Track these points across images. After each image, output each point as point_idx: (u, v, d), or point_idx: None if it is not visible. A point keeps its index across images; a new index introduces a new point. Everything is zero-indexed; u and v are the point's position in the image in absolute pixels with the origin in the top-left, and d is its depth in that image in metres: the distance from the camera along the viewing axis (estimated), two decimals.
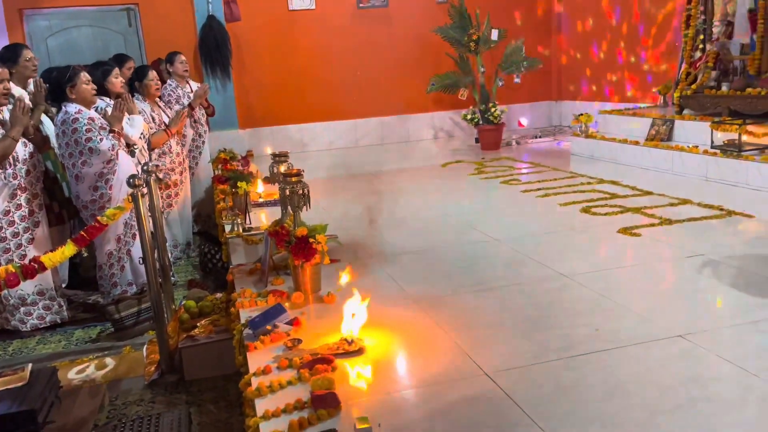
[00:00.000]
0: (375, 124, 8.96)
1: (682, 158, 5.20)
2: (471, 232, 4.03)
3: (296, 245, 2.89)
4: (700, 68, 5.67)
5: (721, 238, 3.53)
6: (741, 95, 5.13)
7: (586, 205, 4.46)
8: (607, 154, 6.16)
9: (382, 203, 5.08)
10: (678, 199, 4.39)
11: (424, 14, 8.63)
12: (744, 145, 4.71)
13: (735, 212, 3.95)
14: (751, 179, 4.51)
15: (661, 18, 7.25)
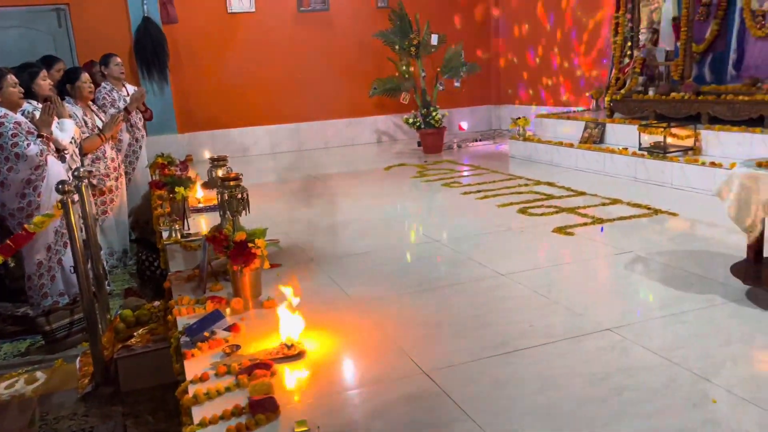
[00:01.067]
0: (318, 127, 8.94)
1: (613, 159, 5.42)
2: (413, 234, 4.08)
3: (235, 250, 2.86)
4: (628, 74, 5.94)
5: (648, 235, 3.71)
6: (666, 99, 5.40)
7: (523, 206, 4.59)
8: (544, 156, 6.36)
9: (325, 206, 5.08)
10: (609, 199, 4.58)
11: (364, 18, 8.68)
12: (669, 147, 4.96)
13: (661, 210, 4.15)
14: (676, 179, 4.75)
15: (592, 25, 7.55)
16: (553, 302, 2.74)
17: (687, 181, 4.66)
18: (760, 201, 2.38)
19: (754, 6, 5.09)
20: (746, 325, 2.38)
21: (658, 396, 1.93)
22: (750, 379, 1.99)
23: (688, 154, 4.86)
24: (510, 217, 4.31)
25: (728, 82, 5.31)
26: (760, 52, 5.10)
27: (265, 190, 5.88)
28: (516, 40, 9.10)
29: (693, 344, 2.25)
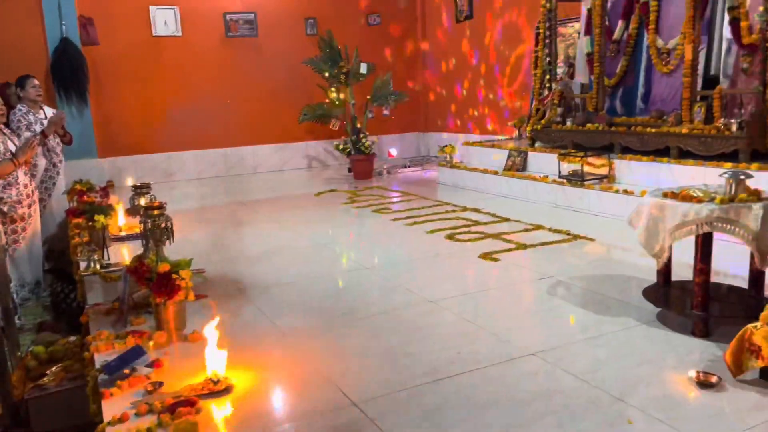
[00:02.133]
0: (247, 152, 8.83)
1: (535, 187, 5.65)
2: (343, 262, 4.08)
3: (158, 282, 2.77)
4: (547, 105, 6.23)
5: (568, 260, 3.87)
6: (582, 130, 5.69)
7: (451, 231, 4.69)
8: (470, 183, 6.54)
9: (254, 233, 5.00)
10: (532, 225, 4.75)
11: (294, 45, 8.72)
12: (586, 175, 5.22)
13: (580, 236, 4.35)
14: (593, 206, 5.00)
15: (513, 60, 7.89)
16: (480, 328, 2.80)
17: (603, 208, 4.91)
18: (667, 229, 2.55)
19: (659, 44, 5.48)
20: (657, 347, 2.52)
21: (578, 419, 2.00)
22: (662, 399, 2.10)
23: (603, 182, 5.13)
24: (438, 243, 4.40)
25: (638, 115, 5.66)
26: (666, 87, 5.48)
27: (191, 217, 5.73)
28: (444, 74, 9.38)
29: (610, 366, 2.36)
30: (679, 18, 5.09)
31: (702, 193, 2.56)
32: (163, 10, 8.06)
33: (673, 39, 5.30)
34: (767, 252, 2.45)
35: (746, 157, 4.31)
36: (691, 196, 2.55)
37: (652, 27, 5.47)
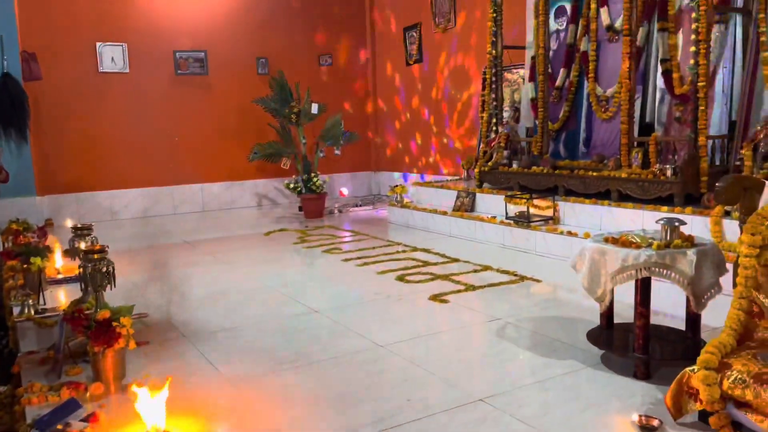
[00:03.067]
0: (195, 190, 8.69)
1: (483, 227, 5.75)
2: (292, 304, 4.02)
3: (96, 330, 2.66)
4: (494, 148, 6.41)
5: (516, 301, 3.93)
6: (528, 173, 5.86)
7: (401, 272, 4.70)
8: (421, 223, 6.61)
9: (199, 275, 4.89)
10: (481, 266, 4.82)
11: (245, 84, 8.72)
12: (532, 217, 5.36)
13: (526, 277, 4.43)
14: (539, 247, 5.12)
15: (462, 102, 8.11)
16: (430, 374, 2.79)
17: (549, 249, 5.03)
18: (608, 273, 2.63)
19: (599, 92, 5.75)
20: (602, 390, 2.56)
21: None
22: None
23: (548, 224, 5.27)
24: (389, 285, 4.39)
25: (580, 158, 5.88)
26: (605, 132, 5.73)
27: (134, 257, 5.56)
28: (394, 112, 9.54)
29: (557, 411, 2.39)
30: (616, 68, 5.37)
31: (640, 238, 2.66)
32: (110, 47, 7.95)
33: (611, 87, 5.57)
34: (702, 296, 2.55)
35: (680, 201, 4.52)
36: (630, 242, 2.64)
37: (592, 76, 5.75)
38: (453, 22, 8.02)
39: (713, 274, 2.55)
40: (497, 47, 6.39)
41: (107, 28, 7.93)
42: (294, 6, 9.12)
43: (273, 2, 8.93)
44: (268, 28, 8.89)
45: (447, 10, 8.07)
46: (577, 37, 6.06)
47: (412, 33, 8.84)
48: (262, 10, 8.85)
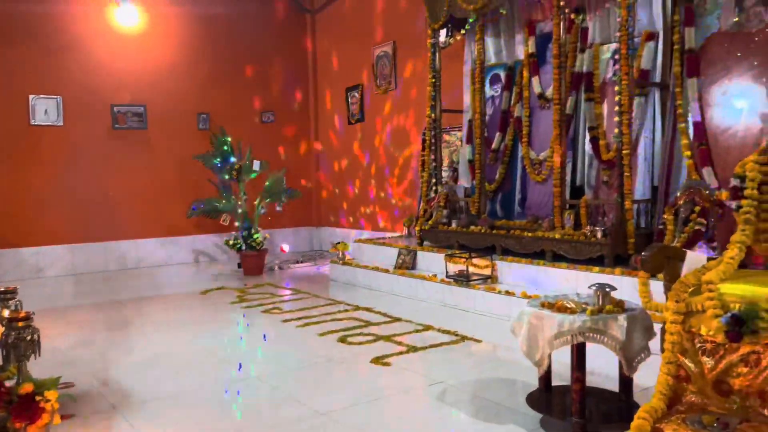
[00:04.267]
0: (129, 246, 8.40)
1: (424, 286, 5.80)
2: (229, 370, 3.90)
3: (18, 405, 2.49)
4: (434, 206, 6.55)
5: (457, 362, 3.95)
6: (466, 232, 6.01)
7: (343, 333, 4.66)
8: (362, 281, 6.61)
9: (131, 338, 4.68)
10: (422, 325, 4.83)
11: (185, 139, 8.64)
12: (471, 276, 5.46)
13: (467, 337, 4.48)
14: (478, 305, 5.21)
15: (402, 161, 8.30)
16: None
17: (488, 307, 5.12)
18: (546, 338, 2.70)
19: (532, 155, 6.02)
20: None
21: None
22: None
23: (487, 283, 5.38)
24: (330, 347, 4.34)
25: (516, 218, 6.09)
26: (539, 194, 5.97)
27: (61, 319, 5.28)
28: (336, 173, 9.65)
29: None
30: (548, 133, 5.66)
31: (575, 304, 2.76)
32: (44, 99, 7.75)
33: (544, 151, 5.86)
34: (633, 359, 2.65)
35: (610, 261, 4.73)
36: (565, 307, 2.74)
37: (525, 140, 6.03)
38: (394, 84, 8.28)
39: (643, 339, 2.66)
40: (436, 110, 6.63)
41: (41, 80, 7.75)
42: (238, 63, 9.20)
43: (216, 59, 8.98)
44: (211, 84, 8.91)
45: (388, 73, 8.34)
46: (511, 104, 6.38)
47: (354, 93, 9.06)
48: (204, 66, 8.88)
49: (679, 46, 4.91)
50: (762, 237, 2.69)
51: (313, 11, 9.84)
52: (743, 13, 4.65)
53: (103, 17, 8.20)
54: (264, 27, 9.44)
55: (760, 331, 2.18)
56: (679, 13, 4.92)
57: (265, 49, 9.45)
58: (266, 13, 9.47)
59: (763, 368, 2.20)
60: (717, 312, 2.27)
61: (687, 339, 2.39)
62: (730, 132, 4.67)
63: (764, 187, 2.70)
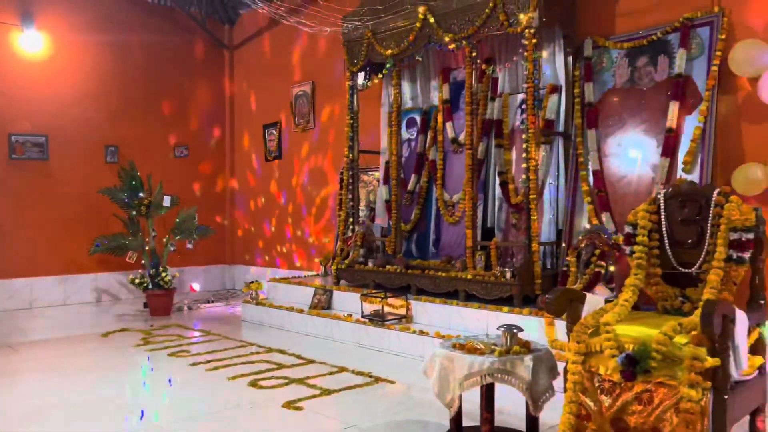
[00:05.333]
0: (22, 285, 7.81)
1: (339, 326, 5.76)
2: (130, 420, 3.66)
3: None
4: (351, 245, 6.56)
5: (371, 405, 3.92)
6: (382, 271, 6.04)
7: (254, 377, 4.51)
8: (276, 322, 6.46)
9: (21, 387, 4.31)
10: (336, 367, 4.77)
11: (90, 172, 8.23)
12: (386, 315, 5.48)
13: (381, 378, 4.46)
14: (393, 345, 5.22)
15: (319, 200, 8.29)
16: None
17: (402, 348, 5.14)
18: (457, 379, 2.74)
19: (446, 197, 6.20)
20: None
21: None
22: None
23: (402, 322, 5.42)
24: (241, 392, 4.19)
25: (431, 258, 6.20)
26: (453, 235, 6.13)
27: None
28: (252, 210, 9.49)
29: None
30: (461, 176, 5.84)
31: (484, 345, 2.83)
32: None
33: (457, 194, 6.04)
34: (538, 399, 2.74)
35: (519, 301, 4.90)
36: (475, 348, 2.80)
37: (440, 182, 6.21)
38: (312, 124, 8.33)
39: (548, 379, 2.76)
40: (354, 151, 6.71)
41: None
42: (152, 96, 8.95)
43: (128, 90, 8.69)
44: (121, 115, 8.59)
45: (306, 112, 8.38)
46: (426, 147, 6.57)
47: (272, 130, 9.02)
48: (115, 97, 8.57)
49: (579, 99, 5.27)
50: (652, 280, 2.89)
51: (231, 48, 9.79)
52: (635, 72, 5.08)
53: (6, 42, 7.78)
54: (181, 60, 9.27)
55: (651, 371, 2.32)
56: (579, 69, 5.31)
57: (182, 82, 9.26)
58: (184, 46, 9.32)
59: (655, 406, 2.33)
60: (613, 352, 2.40)
61: (587, 378, 2.50)
62: (625, 180, 5.03)
63: (654, 234, 2.92)
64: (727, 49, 4.49)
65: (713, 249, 2.72)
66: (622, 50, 5.13)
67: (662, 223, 2.91)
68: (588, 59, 5.28)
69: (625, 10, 5.21)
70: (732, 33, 4.57)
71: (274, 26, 8.66)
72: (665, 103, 4.79)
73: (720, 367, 2.29)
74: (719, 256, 2.66)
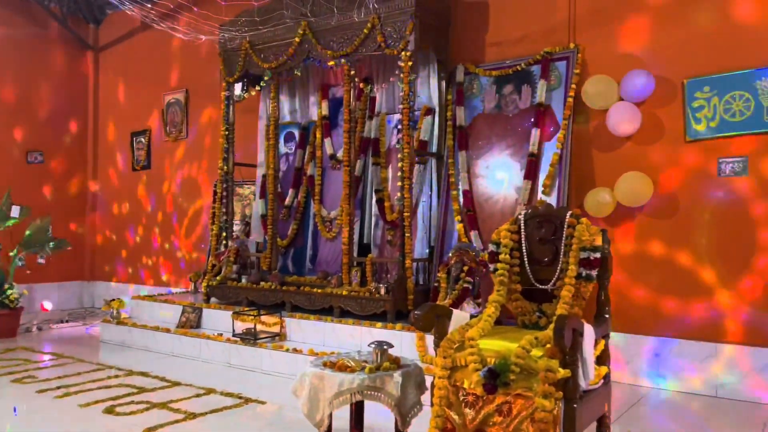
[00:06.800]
0: None
1: (209, 346, 5.51)
2: None
3: None
4: (223, 261, 6.33)
5: (240, 428, 3.77)
6: (256, 288, 5.88)
7: (111, 403, 4.18)
8: (139, 342, 6.06)
9: None
10: (204, 389, 4.55)
11: None
12: (259, 334, 5.33)
13: (252, 399, 4.31)
14: (265, 365, 5.08)
15: (192, 212, 7.94)
16: None
17: (275, 367, 5.01)
18: (327, 398, 2.71)
19: (323, 213, 6.18)
20: None
21: None
22: None
23: (275, 341, 5.29)
24: (93, 420, 3.85)
25: (307, 275, 6.14)
26: (330, 251, 6.12)
27: None
28: (115, 217, 8.87)
29: None
30: (339, 193, 5.86)
31: (354, 362, 2.83)
32: None
33: (335, 210, 6.05)
34: (407, 414, 2.78)
35: (392, 317, 4.97)
36: (346, 366, 2.79)
37: (317, 198, 6.19)
38: (185, 133, 7.98)
39: (416, 394, 2.81)
40: (229, 163, 6.51)
41: None
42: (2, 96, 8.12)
43: None
44: None
45: (179, 121, 8.02)
46: (304, 162, 6.52)
47: (140, 138, 8.52)
48: None
49: (451, 122, 5.51)
50: (513, 296, 3.05)
51: (96, 48, 9.15)
52: (502, 99, 5.40)
53: None
54: (37, 57, 8.52)
55: (510, 383, 2.44)
56: (452, 93, 5.55)
57: (32, 74, 8.47)
58: (40, 43, 8.57)
59: (514, 416, 2.45)
60: (477, 366, 2.50)
61: (453, 392, 2.58)
62: (492, 200, 5.31)
63: (515, 252, 3.09)
64: (581, 82, 4.92)
65: (566, 267, 2.93)
66: (491, 78, 5.44)
67: (522, 242, 3.10)
68: (460, 84, 5.54)
69: (494, 40, 5.54)
70: (585, 68, 5.01)
71: (146, 30, 8.22)
72: (528, 129, 5.14)
73: (570, 377, 2.45)
74: (571, 274, 2.87)
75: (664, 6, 4.72)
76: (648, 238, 4.71)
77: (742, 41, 4.40)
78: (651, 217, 4.71)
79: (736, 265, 4.36)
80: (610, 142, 4.88)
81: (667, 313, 4.60)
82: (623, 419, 3.83)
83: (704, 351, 4.39)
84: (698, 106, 4.54)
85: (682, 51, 4.63)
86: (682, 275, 4.56)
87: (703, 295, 4.47)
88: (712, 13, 4.54)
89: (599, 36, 4.99)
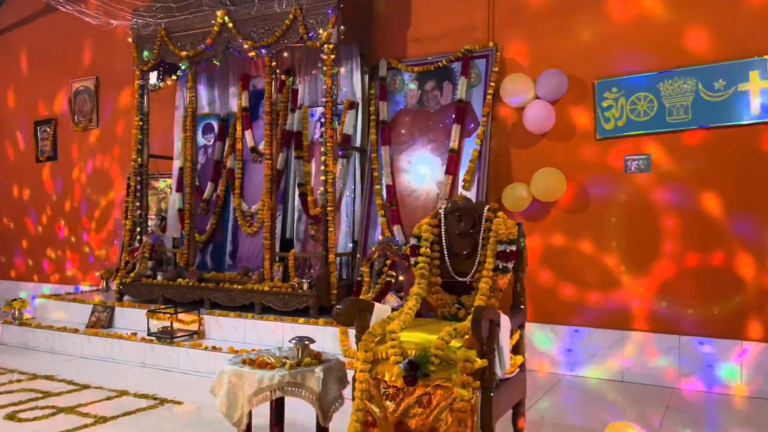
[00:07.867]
0: None
1: (121, 345, 5.26)
2: None
3: None
4: (138, 258, 6.05)
5: (154, 430, 3.61)
6: (173, 285, 5.67)
7: (12, 409, 3.92)
8: (44, 344, 5.70)
9: None
10: (116, 391, 4.34)
11: None
12: (176, 332, 5.14)
13: (167, 399, 4.15)
14: (183, 364, 4.90)
15: (104, 204, 7.53)
16: None
17: (193, 365, 4.85)
18: (246, 396, 2.65)
19: (244, 208, 6.03)
20: None
21: None
22: None
23: (193, 339, 5.12)
24: None
25: (227, 271, 5.97)
26: (251, 246, 5.99)
27: None
28: (15, 201, 8.26)
29: None
30: (260, 186, 5.74)
31: (275, 359, 2.78)
32: None
33: (256, 204, 5.92)
34: (328, 409, 2.76)
35: (315, 312, 4.93)
36: (266, 363, 2.73)
37: (238, 192, 6.03)
38: (95, 123, 7.56)
39: (337, 389, 2.80)
40: (143, 155, 6.22)
41: None
42: None
43: None
44: None
45: (89, 110, 7.59)
46: (224, 155, 6.34)
47: (45, 128, 8.00)
48: None
49: (375, 116, 5.52)
50: (433, 289, 3.09)
51: None
52: (424, 95, 5.46)
53: None
54: None
55: (430, 374, 2.47)
56: (375, 88, 5.56)
57: None
58: None
59: (433, 407, 2.49)
60: (398, 359, 2.51)
61: (374, 386, 2.58)
62: (415, 195, 5.37)
63: (436, 245, 3.13)
64: (499, 80, 5.05)
65: (484, 259, 3.01)
66: (413, 73, 5.49)
67: (442, 236, 3.14)
68: (383, 79, 5.56)
69: (416, 36, 5.59)
70: (504, 66, 5.15)
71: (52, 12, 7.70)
72: (449, 125, 5.22)
73: (487, 367, 2.52)
74: (488, 266, 2.94)
75: (579, 7, 4.91)
76: (561, 231, 4.92)
77: (648, 44, 4.65)
78: (564, 211, 4.91)
79: (643, 257, 4.62)
80: (527, 139, 5.04)
81: (579, 303, 4.82)
82: (537, 406, 3.99)
83: (613, 338, 4.64)
84: (607, 106, 4.77)
85: (594, 52, 4.84)
86: (593, 267, 4.79)
87: (613, 286, 4.72)
88: (623, 14, 4.75)
89: (517, 35, 5.14)
